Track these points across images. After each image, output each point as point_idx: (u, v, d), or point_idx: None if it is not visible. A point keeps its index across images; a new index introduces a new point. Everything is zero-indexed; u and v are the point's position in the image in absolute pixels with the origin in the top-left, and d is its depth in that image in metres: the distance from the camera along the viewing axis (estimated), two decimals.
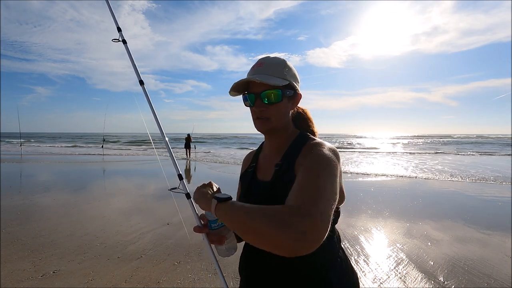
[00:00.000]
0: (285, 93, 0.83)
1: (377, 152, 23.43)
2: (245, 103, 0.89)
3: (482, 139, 52.77)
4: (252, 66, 0.88)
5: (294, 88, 0.87)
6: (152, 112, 1.14)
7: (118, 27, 1.31)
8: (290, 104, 0.88)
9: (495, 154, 20.39)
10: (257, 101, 0.84)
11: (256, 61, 0.89)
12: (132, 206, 5.75)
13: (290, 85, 0.85)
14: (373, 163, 14.50)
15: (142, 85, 1.18)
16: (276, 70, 0.84)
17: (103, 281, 2.79)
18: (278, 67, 0.84)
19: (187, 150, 17.19)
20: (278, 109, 0.84)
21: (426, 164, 13.91)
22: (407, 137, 78.51)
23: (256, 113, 0.86)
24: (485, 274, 3.01)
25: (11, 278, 2.83)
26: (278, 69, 0.84)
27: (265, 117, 0.84)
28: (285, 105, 0.85)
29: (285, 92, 0.83)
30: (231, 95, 0.88)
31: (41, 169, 11.62)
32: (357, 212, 5.33)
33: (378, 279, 2.90)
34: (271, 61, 0.86)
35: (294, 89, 0.87)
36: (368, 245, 3.80)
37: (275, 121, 0.85)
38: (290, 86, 0.86)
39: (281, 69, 0.84)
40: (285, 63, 0.86)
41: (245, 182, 0.96)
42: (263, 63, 0.85)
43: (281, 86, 0.82)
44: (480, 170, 11.46)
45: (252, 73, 0.85)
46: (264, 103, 0.83)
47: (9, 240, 3.75)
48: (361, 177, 9.42)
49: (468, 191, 7.41)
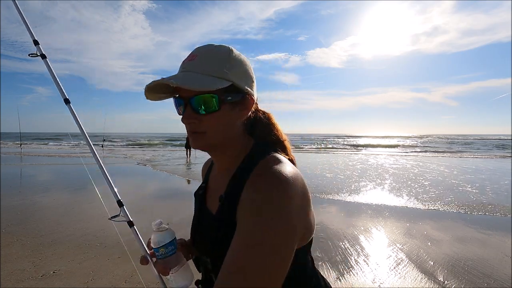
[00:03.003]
0: (224, 98, 0.62)
1: (377, 154, 23.43)
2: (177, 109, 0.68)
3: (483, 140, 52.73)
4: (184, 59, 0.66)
5: (241, 90, 0.65)
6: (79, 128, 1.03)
7: (35, 40, 1.09)
8: (236, 111, 0.65)
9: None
10: (187, 109, 0.63)
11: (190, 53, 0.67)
12: (132, 206, 5.76)
13: (233, 87, 0.63)
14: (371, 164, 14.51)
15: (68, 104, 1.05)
16: (212, 66, 0.62)
17: (103, 281, 2.79)
18: (216, 62, 0.62)
19: (187, 150, 17.19)
20: (215, 120, 0.63)
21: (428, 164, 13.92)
22: (409, 137, 78.50)
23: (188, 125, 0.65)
24: (485, 274, 3.01)
25: (11, 278, 2.83)
26: (215, 65, 0.62)
27: (198, 131, 0.64)
28: (225, 115, 0.63)
29: (224, 97, 0.62)
30: (150, 99, 0.66)
31: (41, 169, 11.62)
32: (357, 212, 5.33)
33: (378, 279, 2.90)
34: (207, 53, 0.64)
35: (241, 92, 0.65)
36: (368, 245, 3.80)
37: (212, 136, 0.64)
38: (234, 89, 0.63)
39: (219, 65, 0.62)
40: (228, 56, 0.64)
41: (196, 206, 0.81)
42: (196, 56, 0.64)
43: (217, 90, 0.60)
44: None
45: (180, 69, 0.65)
46: (195, 113, 0.62)
47: (9, 240, 3.75)
48: (360, 177, 9.43)
49: (468, 190, 7.42)
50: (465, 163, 14.48)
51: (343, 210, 5.48)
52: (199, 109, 0.62)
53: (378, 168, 11.90)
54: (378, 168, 11.90)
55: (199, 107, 0.62)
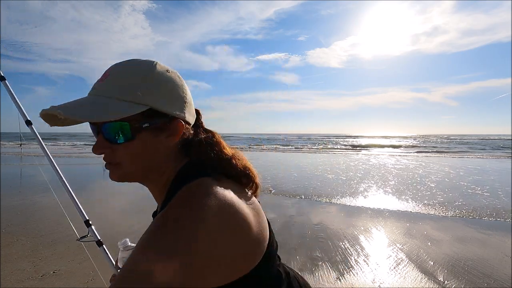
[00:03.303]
0: (139, 126, 0.53)
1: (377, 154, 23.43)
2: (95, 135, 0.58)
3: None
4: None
5: (163, 114, 0.55)
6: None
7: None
8: (162, 137, 0.57)
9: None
10: (99, 137, 0.55)
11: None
12: (132, 206, 5.75)
13: (153, 111, 0.54)
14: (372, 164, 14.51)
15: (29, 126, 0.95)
16: (122, 88, 0.52)
17: (103, 281, 2.80)
18: (128, 84, 0.53)
19: None
20: (130, 150, 0.55)
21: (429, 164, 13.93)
22: (409, 138, 78.42)
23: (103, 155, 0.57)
24: (485, 274, 3.02)
25: (11, 278, 2.83)
26: (126, 87, 0.53)
27: (112, 161, 0.56)
28: (143, 143, 0.55)
29: (139, 124, 0.53)
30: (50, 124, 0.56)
31: (41, 169, 11.62)
32: (357, 212, 5.33)
33: (378, 279, 2.90)
34: (120, 72, 0.55)
35: (165, 116, 0.56)
36: (368, 245, 3.80)
37: (128, 167, 0.56)
38: (154, 113, 0.54)
39: (132, 87, 0.53)
40: (146, 75, 0.55)
41: None
42: (108, 75, 0.55)
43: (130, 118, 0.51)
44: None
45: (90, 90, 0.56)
46: (107, 142, 0.54)
47: (9, 240, 3.75)
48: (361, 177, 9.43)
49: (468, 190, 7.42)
50: (470, 163, 14.29)
51: (343, 210, 5.48)
52: (111, 138, 0.54)
53: (381, 169, 11.84)
54: (381, 169, 11.84)
55: (111, 135, 0.53)
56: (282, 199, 6.31)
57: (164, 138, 0.57)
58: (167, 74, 0.58)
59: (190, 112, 0.62)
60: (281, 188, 7.47)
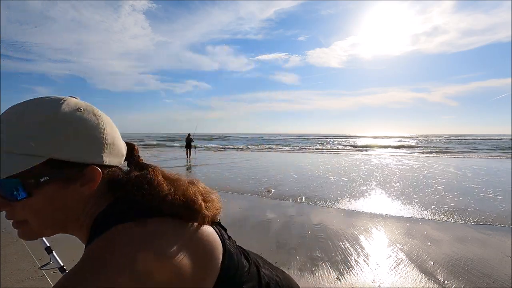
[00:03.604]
0: (34, 182, 0.46)
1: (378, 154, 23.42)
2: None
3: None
4: None
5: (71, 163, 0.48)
6: None
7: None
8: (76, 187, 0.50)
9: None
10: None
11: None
12: None
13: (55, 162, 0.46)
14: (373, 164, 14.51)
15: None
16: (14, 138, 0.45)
17: None
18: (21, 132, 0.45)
19: (187, 150, 17.22)
20: (31, 207, 0.48)
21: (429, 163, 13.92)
22: (410, 138, 78.34)
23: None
24: (485, 274, 3.02)
25: (11, 278, 2.83)
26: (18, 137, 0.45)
27: (16, 220, 0.51)
28: (44, 199, 0.48)
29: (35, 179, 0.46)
30: None
31: None
32: (357, 212, 5.33)
33: (378, 279, 2.90)
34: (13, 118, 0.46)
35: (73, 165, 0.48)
36: (368, 245, 3.80)
37: (37, 226, 0.51)
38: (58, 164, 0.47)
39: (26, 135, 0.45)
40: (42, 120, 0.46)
41: None
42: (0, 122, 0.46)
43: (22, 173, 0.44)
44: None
45: None
46: (4, 199, 0.47)
47: (9, 240, 3.75)
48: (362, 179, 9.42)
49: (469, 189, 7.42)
50: (476, 163, 14.10)
51: (343, 211, 5.48)
52: (6, 195, 0.47)
53: (385, 170, 11.71)
54: (385, 170, 11.71)
55: (5, 193, 0.46)
56: (282, 199, 6.31)
57: (79, 187, 0.50)
58: (77, 114, 0.49)
59: (113, 153, 0.54)
60: (281, 188, 7.47)
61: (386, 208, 5.60)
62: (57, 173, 0.47)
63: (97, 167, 0.50)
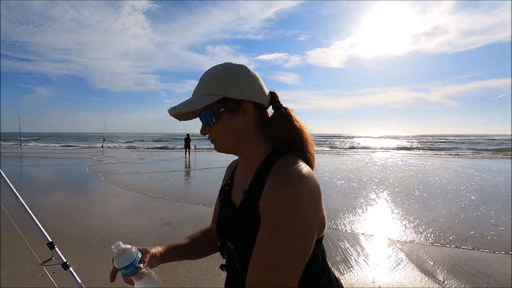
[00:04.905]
0: (217, 111, 0.73)
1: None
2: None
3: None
4: None
5: (236, 98, 0.73)
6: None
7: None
8: (239, 118, 0.74)
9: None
10: (202, 123, 0.78)
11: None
12: (132, 206, 5.76)
13: (226, 98, 0.73)
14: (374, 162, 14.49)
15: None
16: (203, 86, 0.75)
17: (103, 281, 2.79)
18: (207, 82, 0.74)
19: (186, 150, 17.20)
20: (217, 129, 0.75)
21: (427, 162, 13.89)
22: (414, 137, 78.20)
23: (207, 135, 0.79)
24: (485, 274, 3.01)
25: (11, 278, 2.83)
26: (205, 85, 0.74)
27: (211, 138, 0.78)
28: (226, 123, 0.74)
29: (217, 109, 0.73)
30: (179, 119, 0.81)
31: (41, 169, 11.62)
32: (356, 212, 5.33)
33: (378, 279, 2.90)
34: (204, 75, 0.77)
35: (238, 100, 0.73)
36: (368, 245, 3.80)
37: (222, 142, 0.77)
38: (227, 100, 0.73)
39: (209, 84, 0.74)
40: (216, 74, 0.74)
41: (221, 200, 0.92)
42: (199, 79, 0.77)
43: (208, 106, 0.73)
44: None
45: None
46: (205, 125, 0.77)
47: (9, 240, 3.75)
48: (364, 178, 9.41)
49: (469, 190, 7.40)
50: (496, 165, 13.38)
51: (343, 212, 5.48)
52: (205, 122, 0.76)
53: (398, 172, 11.68)
54: (398, 172, 11.68)
55: (205, 121, 0.75)
56: None
57: (241, 118, 0.74)
58: (238, 70, 0.75)
59: (260, 95, 0.77)
60: None
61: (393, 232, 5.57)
62: (230, 105, 0.73)
63: (249, 103, 0.74)
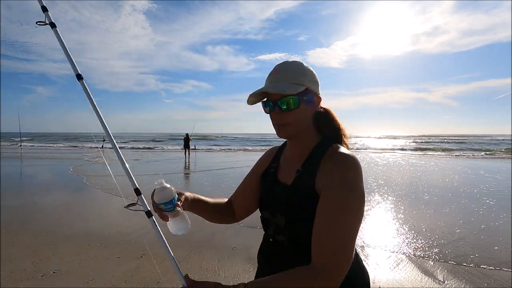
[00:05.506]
0: (302, 98, 0.84)
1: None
2: (264, 109, 0.91)
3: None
4: (270, 73, 0.90)
5: (313, 91, 0.88)
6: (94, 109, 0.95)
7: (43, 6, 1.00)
8: (309, 108, 0.88)
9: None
10: (275, 108, 0.86)
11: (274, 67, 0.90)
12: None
13: (307, 90, 0.85)
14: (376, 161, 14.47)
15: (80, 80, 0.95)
16: (292, 76, 0.84)
17: (103, 281, 2.79)
18: (294, 73, 0.85)
19: (186, 150, 17.08)
20: (296, 115, 0.85)
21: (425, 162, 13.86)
22: (416, 137, 78.04)
23: (275, 120, 0.88)
24: (485, 274, 3.01)
25: (11, 278, 2.82)
26: (294, 75, 0.85)
27: (284, 123, 0.86)
28: (303, 110, 0.86)
29: (302, 98, 0.84)
30: (249, 103, 0.90)
31: (41, 169, 11.62)
32: None
33: (378, 279, 2.90)
34: (287, 67, 0.87)
35: (313, 93, 0.88)
36: (368, 244, 3.80)
37: (294, 127, 0.86)
38: (308, 91, 0.86)
39: (297, 75, 0.85)
40: (302, 68, 0.87)
41: (267, 182, 0.99)
42: (280, 70, 0.86)
43: (297, 93, 0.83)
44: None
45: (269, 80, 0.88)
46: (282, 110, 0.85)
47: (9, 240, 3.75)
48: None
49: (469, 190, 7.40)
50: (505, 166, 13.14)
51: None
52: (285, 107, 0.84)
53: (404, 173, 11.68)
54: (404, 173, 11.68)
55: (284, 106, 0.84)
56: None
57: (310, 108, 0.88)
58: (309, 67, 0.90)
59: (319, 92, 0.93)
60: None
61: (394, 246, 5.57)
62: (309, 97, 0.87)
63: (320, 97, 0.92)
